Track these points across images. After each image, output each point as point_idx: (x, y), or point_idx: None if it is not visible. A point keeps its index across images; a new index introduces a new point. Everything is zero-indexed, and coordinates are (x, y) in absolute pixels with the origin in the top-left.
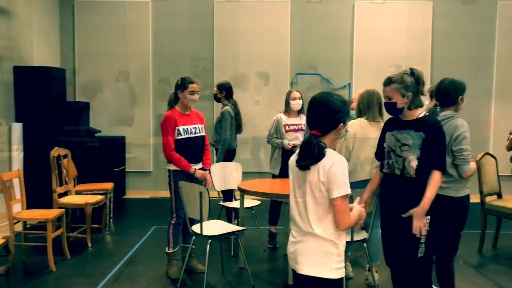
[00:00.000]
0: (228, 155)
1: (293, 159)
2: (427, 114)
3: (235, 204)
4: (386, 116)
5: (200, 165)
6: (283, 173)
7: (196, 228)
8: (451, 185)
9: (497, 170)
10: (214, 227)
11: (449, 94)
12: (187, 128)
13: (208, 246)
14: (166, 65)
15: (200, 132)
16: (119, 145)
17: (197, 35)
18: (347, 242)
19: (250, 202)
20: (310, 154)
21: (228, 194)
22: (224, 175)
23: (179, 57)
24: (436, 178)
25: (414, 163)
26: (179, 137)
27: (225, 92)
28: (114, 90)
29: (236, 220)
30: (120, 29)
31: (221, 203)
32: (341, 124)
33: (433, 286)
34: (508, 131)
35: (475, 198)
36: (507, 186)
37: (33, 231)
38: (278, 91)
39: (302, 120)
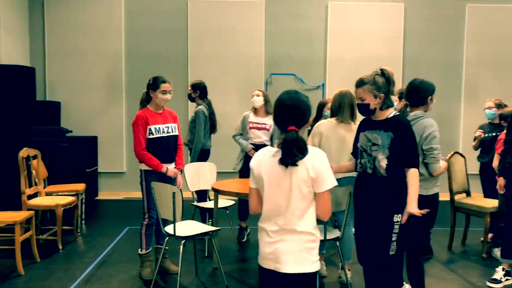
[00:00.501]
0: (202, 155)
1: (261, 160)
2: (398, 114)
3: (209, 204)
4: (360, 117)
5: (173, 165)
6: (244, 172)
7: (169, 228)
8: (421, 183)
9: (466, 169)
10: (188, 228)
11: (419, 94)
12: (159, 127)
13: (181, 246)
14: (140, 64)
15: (173, 132)
16: (91, 145)
17: (171, 34)
18: (321, 240)
19: (224, 202)
20: (299, 150)
21: (202, 194)
22: (198, 175)
23: (152, 55)
24: (414, 176)
25: (384, 163)
26: (151, 136)
27: (199, 91)
28: (86, 89)
29: (210, 220)
30: (92, 27)
31: (195, 203)
32: (310, 119)
33: (404, 282)
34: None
35: (444, 196)
36: (475, 184)
37: (0, 234)
38: (252, 91)
39: (269, 120)
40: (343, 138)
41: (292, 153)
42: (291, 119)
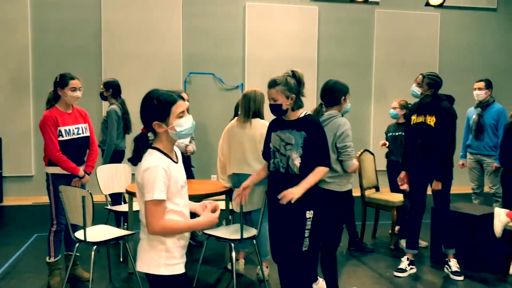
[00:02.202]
0: (116, 156)
1: None
2: (308, 114)
3: (123, 207)
4: (269, 117)
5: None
6: None
7: (79, 234)
8: (335, 180)
9: (375, 166)
10: (100, 233)
11: (333, 94)
12: (69, 129)
13: (93, 252)
14: (49, 60)
15: (84, 133)
16: None
17: (83, 29)
18: (238, 239)
19: None
20: (135, 151)
21: (116, 198)
22: (111, 177)
23: (63, 51)
24: (320, 172)
25: (297, 161)
26: (61, 138)
27: (111, 90)
28: None
29: (125, 224)
30: None
31: (109, 207)
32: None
33: (318, 277)
34: (384, 130)
35: (355, 192)
36: (383, 180)
37: None
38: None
39: None
40: (238, 136)
41: (133, 153)
42: (142, 118)
